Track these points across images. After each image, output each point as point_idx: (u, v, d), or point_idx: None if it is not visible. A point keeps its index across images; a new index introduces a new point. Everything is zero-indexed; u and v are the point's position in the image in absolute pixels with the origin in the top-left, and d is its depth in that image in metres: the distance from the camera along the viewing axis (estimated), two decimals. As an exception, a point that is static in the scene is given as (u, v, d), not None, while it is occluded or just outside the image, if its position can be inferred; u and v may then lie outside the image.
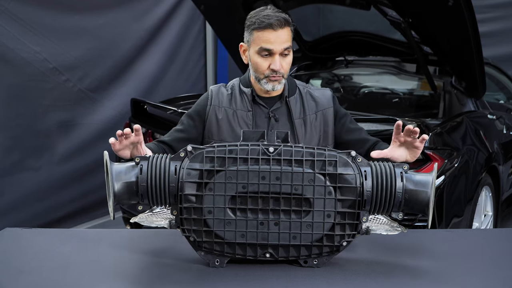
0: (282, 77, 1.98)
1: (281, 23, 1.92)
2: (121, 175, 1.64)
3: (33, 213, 4.00)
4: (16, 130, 3.88)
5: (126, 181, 1.63)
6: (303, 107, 2.06)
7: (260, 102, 2.04)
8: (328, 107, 2.08)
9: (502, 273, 1.75)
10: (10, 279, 1.69)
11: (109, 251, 1.88)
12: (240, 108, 2.03)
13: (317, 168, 1.65)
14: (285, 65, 1.97)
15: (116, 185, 1.62)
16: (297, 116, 2.04)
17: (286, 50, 1.95)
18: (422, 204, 1.66)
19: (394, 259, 1.82)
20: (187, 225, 1.68)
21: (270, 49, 1.94)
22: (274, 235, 1.68)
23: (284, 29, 1.94)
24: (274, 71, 1.95)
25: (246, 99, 2.04)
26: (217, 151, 1.65)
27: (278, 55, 1.94)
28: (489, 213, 3.64)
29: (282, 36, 1.94)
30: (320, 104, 2.08)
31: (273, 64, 1.95)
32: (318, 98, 2.09)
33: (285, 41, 1.94)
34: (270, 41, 1.93)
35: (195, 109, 2.10)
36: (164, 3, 5.18)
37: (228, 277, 1.68)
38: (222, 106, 2.05)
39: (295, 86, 2.10)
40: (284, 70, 1.97)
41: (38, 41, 3.96)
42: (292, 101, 2.05)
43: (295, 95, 2.07)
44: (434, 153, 3.00)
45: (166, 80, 5.25)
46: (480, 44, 3.39)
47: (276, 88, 1.99)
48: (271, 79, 1.97)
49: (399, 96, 4.41)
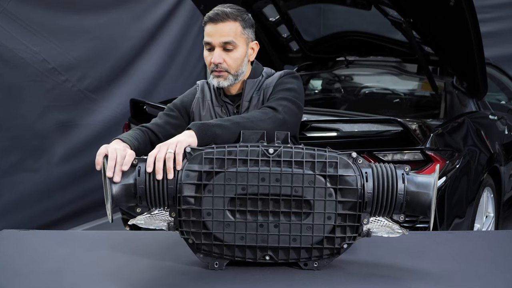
0: (227, 73, 1.95)
1: (222, 17, 1.92)
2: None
3: (31, 214, 3.98)
4: (15, 130, 3.86)
5: (124, 183, 1.61)
6: (257, 90, 2.02)
7: (226, 100, 2.03)
8: (269, 87, 2.01)
9: (504, 275, 1.73)
10: (8, 281, 1.68)
11: (107, 253, 1.87)
12: (216, 105, 2.04)
13: (318, 170, 1.63)
14: (229, 60, 1.94)
15: (114, 188, 1.60)
16: (247, 99, 2.01)
17: (227, 44, 1.93)
18: (424, 206, 1.64)
19: (395, 262, 1.81)
20: (186, 227, 1.66)
21: (209, 42, 1.94)
22: (274, 237, 1.66)
23: (226, 23, 1.92)
24: (216, 65, 1.94)
25: (217, 95, 2.04)
26: (216, 153, 1.63)
27: (219, 49, 1.93)
28: (491, 214, 3.62)
29: (222, 30, 1.92)
30: (265, 83, 2.03)
31: (213, 57, 1.94)
32: (268, 80, 2.03)
33: (224, 35, 1.92)
34: (209, 34, 1.94)
35: (182, 100, 2.09)
36: (163, 3, 5.17)
37: (227, 279, 1.66)
38: (206, 99, 2.05)
39: (260, 72, 2.06)
40: (228, 64, 1.94)
41: (37, 42, 3.95)
42: (249, 83, 2.02)
43: (255, 79, 2.03)
44: (436, 154, 2.99)
45: (166, 81, 5.23)
46: (482, 44, 3.38)
47: (221, 85, 1.97)
48: (216, 74, 1.96)
49: (400, 97, 4.40)
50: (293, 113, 1.90)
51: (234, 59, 1.95)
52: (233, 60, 1.95)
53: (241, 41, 1.96)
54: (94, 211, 4.52)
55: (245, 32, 1.97)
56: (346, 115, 3.68)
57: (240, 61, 1.97)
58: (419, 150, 2.95)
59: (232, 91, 2.03)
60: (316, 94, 4.76)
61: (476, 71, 3.56)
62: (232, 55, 1.95)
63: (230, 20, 1.93)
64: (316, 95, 4.75)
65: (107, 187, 1.60)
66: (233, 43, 1.93)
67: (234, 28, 1.94)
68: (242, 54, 1.97)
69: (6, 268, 1.77)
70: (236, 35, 1.94)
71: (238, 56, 1.96)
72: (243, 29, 1.96)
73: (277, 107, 1.87)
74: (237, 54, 1.96)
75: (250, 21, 2.00)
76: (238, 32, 1.95)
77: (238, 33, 1.95)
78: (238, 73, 1.98)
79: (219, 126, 1.74)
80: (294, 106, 1.92)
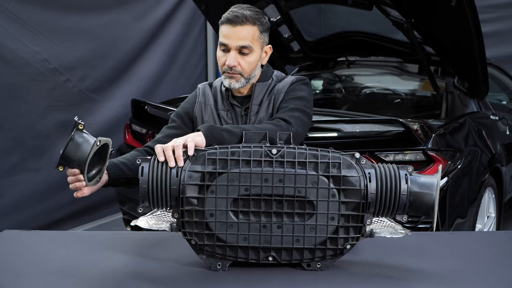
0: (240, 76, 1.94)
1: (241, 20, 1.89)
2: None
3: (32, 214, 3.98)
4: (16, 131, 3.86)
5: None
6: (268, 94, 2.00)
7: (234, 102, 2.01)
8: (280, 93, 2.00)
9: (506, 276, 1.73)
10: (10, 282, 1.67)
11: (109, 254, 1.87)
12: (221, 108, 2.01)
13: (321, 170, 1.63)
14: (243, 64, 1.93)
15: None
16: (257, 102, 1.99)
17: (244, 48, 1.91)
18: (427, 206, 1.64)
19: (398, 262, 1.81)
20: (189, 228, 1.66)
21: (225, 43, 1.92)
22: (277, 238, 1.66)
23: (245, 27, 1.90)
24: (230, 67, 1.92)
25: (224, 98, 2.02)
26: (219, 153, 1.62)
27: (234, 51, 1.91)
28: (492, 215, 3.62)
29: (240, 33, 1.90)
30: (276, 89, 2.01)
31: (228, 59, 1.92)
32: (279, 85, 2.02)
33: (242, 38, 1.90)
34: (227, 35, 1.91)
35: (183, 107, 2.08)
36: (164, 3, 5.17)
37: (230, 280, 1.66)
38: (208, 104, 2.03)
39: (270, 76, 2.05)
40: (242, 68, 1.93)
41: (38, 41, 3.95)
42: (258, 86, 2.00)
43: (265, 83, 2.02)
44: (437, 154, 2.99)
45: (167, 81, 5.23)
46: (483, 44, 3.38)
47: (233, 86, 1.95)
48: (228, 75, 1.94)
49: (401, 97, 4.40)
50: (304, 124, 1.91)
51: (248, 63, 1.93)
52: (248, 64, 1.93)
53: (257, 45, 1.94)
54: (95, 211, 4.52)
55: (262, 36, 1.95)
56: (348, 116, 3.68)
57: (254, 65, 1.95)
58: (420, 151, 2.95)
59: (242, 92, 2.01)
60: (317, 94, 4.76)
61: (477, 71, 3.56)
62: (247, 59, 1.93)
63: (249, 24, 1.91)
64: (317, 95, 4.75)
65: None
66: (249, 47, 1.91)
67: (252, 32, 1.91)
68: (256, 58, 1.95)
69: (8, 268, 1.77)
70: (253, 39, 1.92)
71: (253, 60, 1.94)
72: (260, 34, 1.94)
73: (289, 119, 1.86)
74: (252, 58, 1.94)
75: (267, 25, 1.98)
76: (256, 37, 1.93)
77: (255, 38, 1.93)
78: (250, 77, 1.96)
79: (228, 132, 1.74)
80: (306, 117, 1.92)
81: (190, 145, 1.64)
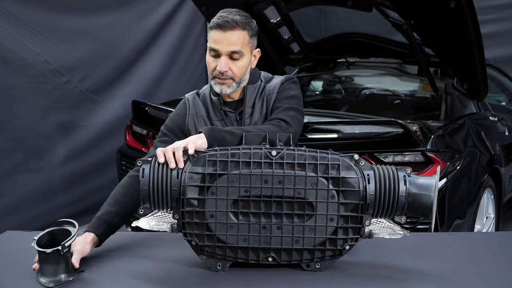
0: (232, 80, 1.94)
1: (232, 25, 1.89)
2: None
3: (34, 215, 3.99)
4: (17, 131, 3.87)
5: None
6: (259, 96, 2.02)
7: (226, 109, 2.01)
8: (272, 93, 2.01)
9: (505, 276, 1.74)
10: (11, 282, 1.68)
11: (109, 254, 1.88)
12: (214, 118, 2.01)
13: (320, 172, 1.64)
14: (235, 69, 1.93)
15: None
16: (250, 105, 2.00)
17: (234, 53, 1.91)
18: (426, 207, 1.65)
19: (396, 263, 1.82)
20: (189, 229, 1.67)
21: (216, 49, 1.91)
22: (276, 239, 1.67)
23: (235, 32, 1.90)
24: (221, 73, 1.93)
25: (216, 108, 2.01)
26: (219, 155, 1.64)
27: (225, 57, 1.91)
28: (491, 215, 3.63)
29: (231, 38, 1.90)
30: (267, 90, 2.03)
31: (218, 65, 1.92)
32: (269, 86, 2.03)
33: (233, 44, 1.90)
34: (217, 41, 1.91)
35: (174, 119, 2.05)
36: (165, 5, 5.18)
37: (230, 281, 1.67)
38: (199, 115, 2.02)
39: (258, 77, 2.06)
40: (234, 73, 1.93)
41: (39, 43, 3.95)
42: (249, 89, 2.01)
43: (255, 85, 2.03)
44: (436, 155, 2.99)
45: (167, 82, 5.23)
46: (482, 45, 3.38)
47: (224, 92, 1.95)
48: (219, 81, 1.94)
49: (401, 98, 4.41)
50: (300, 122, 1.94)
51: (239, 68, 1.94)
52: (239, 68, 1.94)
53: (247, 50, 1.95)
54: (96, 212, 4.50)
55: (251, 41, 1.96)
56: (347, 117, 3.69)
57: (245, 69, 1.96)
58: (419, 152, 2.96)
59: (233, 97, 2.01)
60: (317, 95, 4.76)
61: (476, 72, 3.56)
62: (238, 63, 1.93)
63: (239, 29, 1.91)
64: (317, 96, 4.76)
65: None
66: (240, 52, 1.92)
67: (242, 37, 1.92)
68: (247, 63, 1.96)
69: (10, 269, 1.77)
70: (244, 44, 1.93)
71: (243, 64, 1.95)
72: (250, 38, 1.95)
73: (287, 118, 1.88)
74: (243, 62, 1.94)
75: (256, 29, 1.99)
76: (246, 41, 1.93)
77: (245, 42, 1.93)
78: (241, 81, 1.97)
79: (230, 133, 1.75)
80: (299, 115, 1.95)
81: (190, 146, 1.65)
